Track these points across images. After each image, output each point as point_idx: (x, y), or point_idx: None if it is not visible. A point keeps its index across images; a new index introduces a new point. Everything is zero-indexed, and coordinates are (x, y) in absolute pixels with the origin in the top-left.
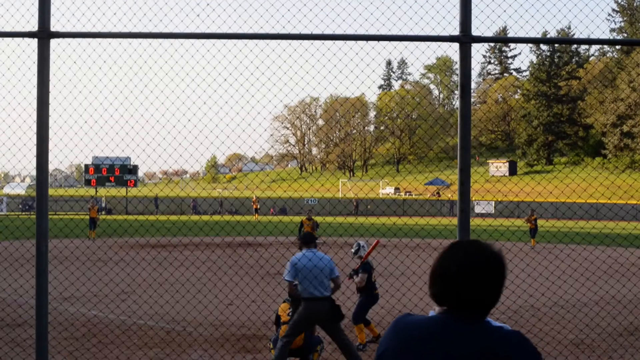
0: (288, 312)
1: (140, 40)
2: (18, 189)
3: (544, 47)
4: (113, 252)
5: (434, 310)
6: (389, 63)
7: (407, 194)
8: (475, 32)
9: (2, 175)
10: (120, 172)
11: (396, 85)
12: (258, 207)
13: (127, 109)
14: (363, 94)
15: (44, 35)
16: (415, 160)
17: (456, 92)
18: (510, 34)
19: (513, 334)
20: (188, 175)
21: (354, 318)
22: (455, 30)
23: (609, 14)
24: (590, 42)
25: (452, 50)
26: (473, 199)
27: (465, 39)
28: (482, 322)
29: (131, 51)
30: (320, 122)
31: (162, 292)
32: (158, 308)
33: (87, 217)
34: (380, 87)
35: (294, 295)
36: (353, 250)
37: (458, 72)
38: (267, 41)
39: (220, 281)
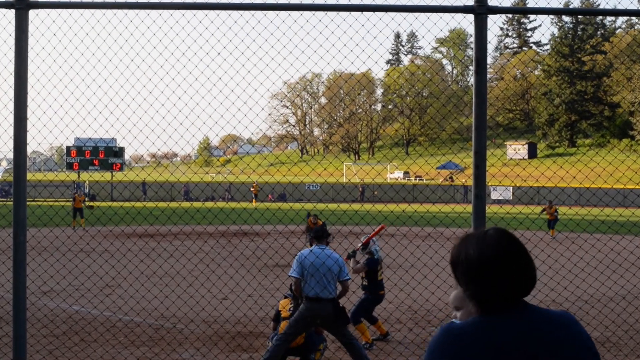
0: (289, 308)
1: (126, 10)
2: None
3: (566, 18)
4: (96, 242)
5: (456, 317)
6: (397, 36)
7: (418, 178)
8: (491, 2)
9: None
10: (104, 154)
11: (405, 60)
12: (257, 193)
13: (112, 85)
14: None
15: (22, 5)
16: (426, 142)
17: (471, 67)
18: (530, 4)
19: (561, 312)
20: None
21: (352, 318)
22: (470, 0)
23: None
24: (617, 12)
25: (467, 22)
26: (489, 184)
27: (481, 9)
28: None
29: (116, 23)
30: (323, 100)
31: (150, 285)
32: (145, 303)
33: (70, 204)
34: (388, 62)
35: (299, 293)
36: (360, 246)
37: (473, 45)
38: (265, 12)
39: (213, 274)
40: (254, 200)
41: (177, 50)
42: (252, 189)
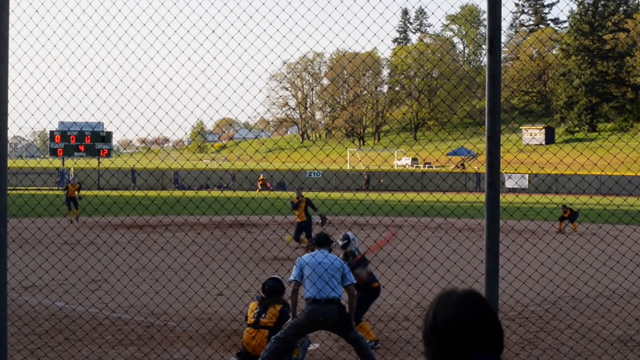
0: (254, 314)
1: None
2: None
3: None
4: (82, 234)
5: None
6: (405, 13)
7: (427, 165)
8: None
9: None
10: (91, 140)
11: (414, 38)
12: (264, 183)
13: (99, 65)
14: (375, 48)
15: None
16: (436, 126)
17: (484, 46)
18: None
19: None
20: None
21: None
22: None
23: None
24: None
25: None
26: (503, 171)
27: None
28: None
29: None
30: (325, 81)
31: (139, 281)
32: (134, 300)
33: (57, 193)
34: (395, 40)
35: (293, 299)
36: (341, 244)
37: (486, 23)
38: None
39: (207, 268)
40: (258, 190)
41: (169, 28)
42: (259, 182)
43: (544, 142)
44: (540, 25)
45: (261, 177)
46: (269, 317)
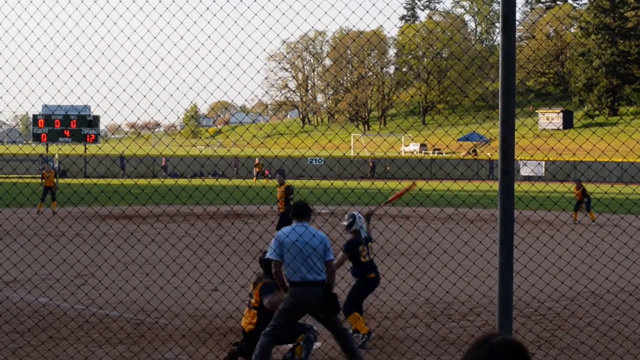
0: (252, 322)
1: None
2: None
3: None
4: (67, 225)
5: None
6: None
7: (436, 152)
8: None
9: None
10: (77, 124)
11: (422, 16)
12: (261, 170)
13: (85, 45)
14: (381, 26)
15: None
16: (446, 109)
17: (497, 24)
18: None
19: None
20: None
21: (343, 309)
22: None
23: None
24: None
25: None
26: (518, 158)
27: None
28: None
29: None
30: (327, 62)
31: (129, 275)
32: (123, 295)
33: (37, 181)
34: (402, 18)
35: (279, 279)
36: (345, 224)
37: None
38: None
39: (201, 262)
40: (255, 178)
41: (160, 5)
42: (255, 168)
43: (561, 127)
44: (558, 2)
45: (257, 161)
46: (255, 297)
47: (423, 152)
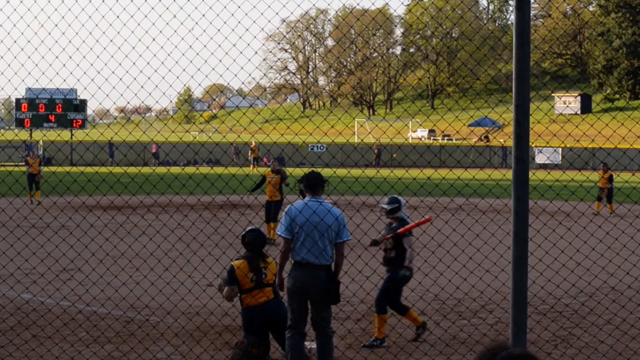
0: (252, 277)
1: None
2: None
3: None
4: (52, 216)
5: None
6: None
7: (446, 138)
8: None
9: None
10: (62, 109)
11: None
12: (258, 155)
13: (72, 24)
14: (387, 4)
15: None
16: (456, 93)
17: (511, 2)
18: None
19: None
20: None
21: (377, 304)
22: None
23: None
24: None
25: None
26: (533, 145)
27: None
28: None
29: None
30: (330, 42)
31: (118, 270)
32: (112, 291)
33: (23, 169)
34: None
35: (284, 260)
36: (388, 207)
37: None
38: None
39: (195, 256)
40: (252, 166)
41: None
42: (250, 153)
43: (579, 112)
44: None
45: (253, 144)
46: (270, 275)
47: (432, 138)
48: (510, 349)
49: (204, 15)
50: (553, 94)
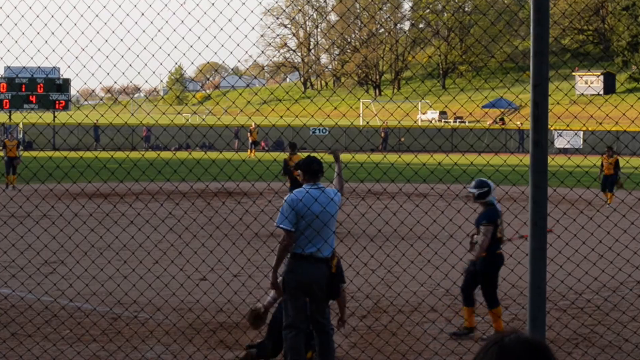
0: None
1: None
2: None
3: None
4: (32, 204)
5: None
6: None
7: (458, 121)
8: None
9: None
10: (44, 89)
11: None
12: (256, 139)
13: None
14: None
15: None
16: (469, 72)
17: None
18: None
19: None
20: (142, 94)
21: (490, 299)
22: None
23: None
24: None
25: None
26: (552, 128)
27: None
28: None
29: None
30: (333, 17)
31: (104, 262)
32: (97, 286)
33: (0, 154)
34: None
35: (283, 254)
36: (476, 192)
37: None
38: None
39: (187, 247)
40: (250, 150)
41: None
42: (249, 135)
43: (602, 92)
44: None
45: (253, 126)
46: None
47: (443, 120)
48: (518, 333)
49: None
50: (574, 73)
